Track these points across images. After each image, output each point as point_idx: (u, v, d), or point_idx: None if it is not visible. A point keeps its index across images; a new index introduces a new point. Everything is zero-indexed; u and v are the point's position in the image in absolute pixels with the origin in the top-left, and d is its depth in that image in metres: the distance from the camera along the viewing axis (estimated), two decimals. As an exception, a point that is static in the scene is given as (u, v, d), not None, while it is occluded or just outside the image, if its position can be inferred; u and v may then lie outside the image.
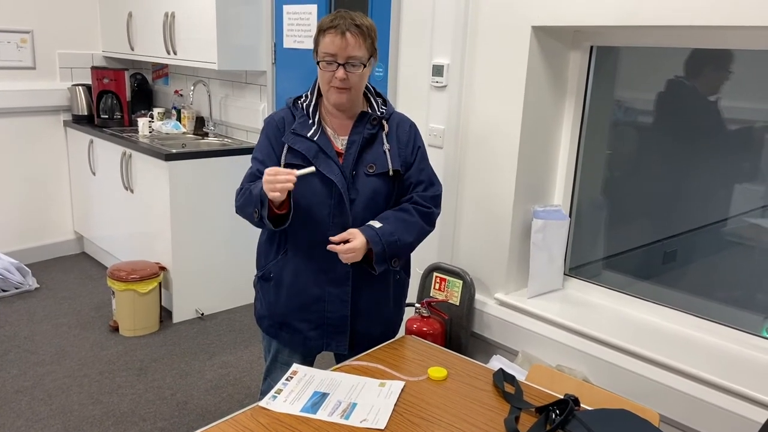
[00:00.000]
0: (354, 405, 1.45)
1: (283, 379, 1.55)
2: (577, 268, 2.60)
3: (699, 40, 2.04)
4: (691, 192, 2.31)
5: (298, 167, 1.62)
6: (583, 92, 2.41)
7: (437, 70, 2.53)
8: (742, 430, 1.77)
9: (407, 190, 1.81)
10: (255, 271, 1.91)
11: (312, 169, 1.62)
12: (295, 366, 1.62)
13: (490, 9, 2.34)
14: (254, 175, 1.75)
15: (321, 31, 1.69)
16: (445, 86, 2.52)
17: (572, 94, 2.42)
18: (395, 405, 1.46)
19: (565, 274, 2.56)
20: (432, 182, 1.84)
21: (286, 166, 1.69)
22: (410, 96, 2.71)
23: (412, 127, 1.85)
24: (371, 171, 1.73)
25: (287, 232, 1.77)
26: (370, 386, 1.54)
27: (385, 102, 1.83)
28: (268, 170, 1.57)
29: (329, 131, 1.76)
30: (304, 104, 1.78)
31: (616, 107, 2.47)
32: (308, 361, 1.95)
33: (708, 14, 1.79)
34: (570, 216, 2.53)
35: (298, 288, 1.78)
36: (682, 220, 2.39)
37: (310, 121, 1.74)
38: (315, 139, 1.71)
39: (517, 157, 2.35)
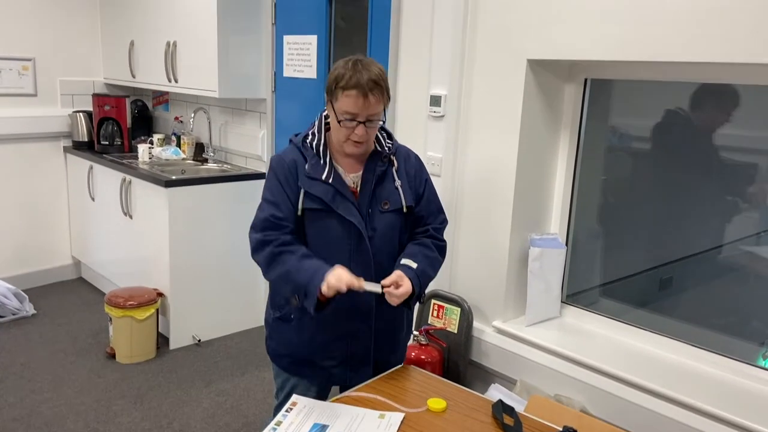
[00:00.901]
0: None
1: (282, 411, 1.55)
2: (574, 295, 2.62)
3: (692, 74, 2.09)
4: (687, 218, 2.33)
5: (316, 212, 1.68)
6: (578, 123, 2.45)
7: (435, 101, 2.57)
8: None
9: (419, 221, 1.85)
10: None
11: (379, 289, 1.62)
12: (294, 397, 1.62)
13: (487, 42, 2.39)
14: (269, 221, 1.70)
15: (340, 85, 1.63)
16: (443, 116, 2.56)
17: (567, 125, 2.46)
18: (395, 437, 1.46)
19: (562, 301, 2.58)
20: (440, 212, 1.89)
21: (304, 210, 1.70)
22: (409, 125, 2.74)
23: (418, 159, 1.87)
24: (386, 207, 1.74)
25: None
26: (369, 418, 1.54)
27: (390, 136, 1.83)
28: (334, 279, 1.57)
29: (340, 170, 1.75)
30: (313, 144, 1.75)
31: (611, 134, 2.51)
32: (324, 395, 1.93)
33: (701, 51, 1.83)
34: (567, 244, 2.56)
35: (323, 327, 1.77)
36: (677, 247, 2.41)
37: (322, 162, 1.72)
38: (330, 181, 1.70)
39: (513, 186, 2.38)
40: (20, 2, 3.97)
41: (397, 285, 1.65)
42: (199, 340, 3.57)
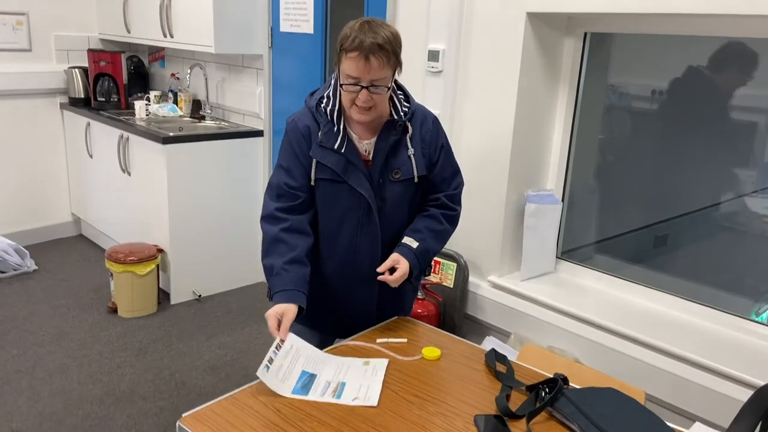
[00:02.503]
0: (343, 384, 1.50)
1: (273, 347, 1.57)
2: (569, 251, 2.65)
3: (695, 27, 2.07)
4: (684, 176, 2.34)
5: (327, 182, 1.69)
6: (576, 78, 2.44)
7: (433, 56, 2.55)
8: (724, 408, 1.83)
9: (433, 187, 1.81)
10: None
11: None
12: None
13: (486, -5, 2.36)
14: (282, 188, 1.71)
15: (342, 49, 1.58)
16: (441, 71, 2.54)
17: (566, 80, 2.45)
18: (385, 382, 1.50)
19: (557, 257, 2.61)
20: (455, 176, 1.83)
21: (317, 180, 1.70)
22: (406, 81, 2.69)
23: (435, 122, 1.79)
24: (397, 177, 1.72)
25: (319, 243, 1.78)
26: (355, 366, 1.58)
27: (407, 97, 1.76)
28: (271, 324, 1.58)
29: (354, 137, 1.71)
30: (327, 109, 1.69)
31: (610, 92, 2.50)
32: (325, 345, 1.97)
33: (702, 2, 1.81)
34: (563, 200, 2.57)
35: (330, 291, 1.81)
36: (673, 205, 2.42)
37: (335, 129, 1.68)
38: (342, 151, 1.67)
39: (510, 142, 2.38)
40: (11, -46, 3.89)
41: (393, 269, 1.69)
42: (200, 296, 3.62)
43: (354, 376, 1.53)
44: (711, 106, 2.26)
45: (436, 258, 2.64)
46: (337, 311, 1.86)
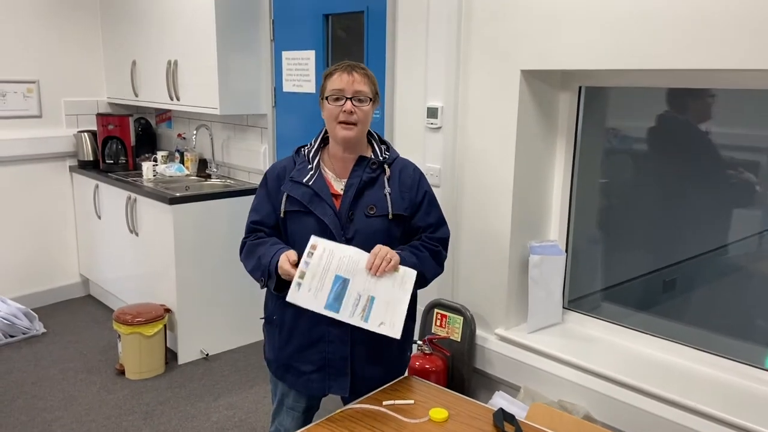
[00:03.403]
0: (372, 300, 1.52)
1: (304, 257, 1.65)
2: (576, 300, 2.64)
3: (684, 81, 2.11)
4: (689, 219, 2.33)
5: (296, 213, 1.78)
6: (573, 129, 2.48)
7: (432, 113, 2.61)
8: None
9: (416, 233, 1.88)
10: (259, 312, 1.96)
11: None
12: (313, 239, 1.70)
13: (481, 54, 2.42)
14: (249, 227, 1.89)
15: (327, 75, 1.79)
16: (440, 127, 2.59)
17: (563, 132, 2.49)
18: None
19: (564, 307, 2.60)
20: (440, 226, 1.91)
21: (286, 213, 1.80)
22: (407, 137, 2.78)
23: (417, 170, 1.91)
24: (371, 212, 1.79)
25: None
26: (387, 273, 1.65)
27: (388, 148, 1.90)
28: (282, 260, 1.70)
29: (330, 175, 1.83)
30: (306, 150, 1.87)
31: (609, 135, 2.52)
32: (314, 405, 1.98)
33: (692, 58, 1.86)
34: (567, 249, 2.58)
35: (300, 329, 1.82)
36: (681, 248, 2.40)
37: (309, 166, 1.81)
38: (310, 184, 1.78)
39: (511, 194, 2.41)
40: (23, 25, 4.04)
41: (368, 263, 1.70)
42: (207, 355, 3.60)
43: (384, 288, 1.59)
44: (694, 143, 2.29)
45: (442, 311, 2.64)
46: (310, 353, 1.83)
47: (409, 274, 1.63)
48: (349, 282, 1.60)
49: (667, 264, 2.49)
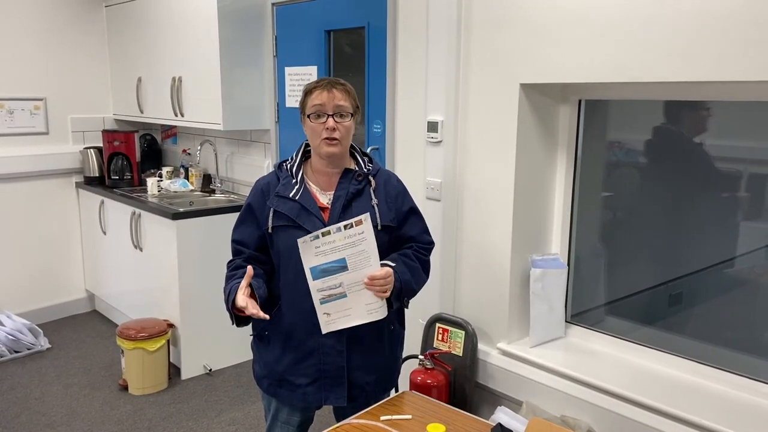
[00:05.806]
0: (342, 297, 1.65)
1: (346, 222, 1.69)
2: (580, 314, 2.61)
3: (684, 93, 2.11)
4: (695, 232, 2.32)
5: (284, 228, 1.77)
6: (574, 142, 2.48)
7: (432, 127, 2.61)
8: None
9: (402, 242, 1.90)
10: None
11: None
12: (365, 216, 1.71)
13: (480, 68, 2.43)
14: (233, 245, 1.88)
15: (307, 92, 1.81)
16: (440, 141, 2.60)
17: (564, 145, 2.49)
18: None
19: (567, 321, 2.58)
20: (425, 233, 1.95)
21: (273, 228, 1.79)
22: (407, 151, 2.79)
23: (400, 182, 1.94)
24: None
25: (279, 289, 1.83)
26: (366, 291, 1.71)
27: (371, 160, 1.92)
28: (250, 308, 1.69)
29: (314, 188, 1.83)
30: (288, 165, 1.87)
31: (611, 148, 2.51)
32: (309, 418, 1.97)
33: (692, 71, 1.85)
34: (569, 263, 2.56)
35: (294, 342, 1.82)
36: (686, 261, 2.38)
37: (293, 181, 1.82)
38: (297, 198, 1.78)
39: (512, 208, 2.40)
40: (31, 44, 4.10)
41: (372, 277, 1.70)
42: (210, 370, 3.60)
43: (359, 299, 1.66)
44: (693, 155, 2.27)
45: (444, 326, 2.62)
46: (304, 366, 1.83)
47: (380, 312, 1.70)
48: (345, 271, 1.65)
49: (672, 277, 2.46)
